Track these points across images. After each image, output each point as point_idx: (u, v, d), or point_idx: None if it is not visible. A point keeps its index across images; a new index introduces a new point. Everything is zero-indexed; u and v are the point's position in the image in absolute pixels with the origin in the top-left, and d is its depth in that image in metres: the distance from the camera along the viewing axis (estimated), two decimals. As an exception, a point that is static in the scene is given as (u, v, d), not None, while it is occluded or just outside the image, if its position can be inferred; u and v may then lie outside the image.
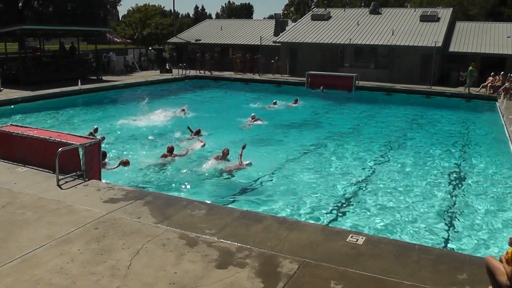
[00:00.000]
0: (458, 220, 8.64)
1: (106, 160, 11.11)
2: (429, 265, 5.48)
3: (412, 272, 5.32)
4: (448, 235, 7.96)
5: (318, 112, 20.54)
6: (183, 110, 18.47)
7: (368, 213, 8.79)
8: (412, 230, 8.07)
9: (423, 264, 5.50)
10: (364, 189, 10.19)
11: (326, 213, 8.74)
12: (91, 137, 10.48)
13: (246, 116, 17.41)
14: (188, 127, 14.62)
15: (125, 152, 12.58)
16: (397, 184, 10.52)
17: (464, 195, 10.02)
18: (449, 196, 9.93)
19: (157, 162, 11.62)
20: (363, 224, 8.27)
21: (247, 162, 11.25)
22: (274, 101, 21.27)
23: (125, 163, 10.99)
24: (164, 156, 11.86)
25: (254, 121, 16.93)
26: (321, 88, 25.58)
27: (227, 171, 10.92)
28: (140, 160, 11.78)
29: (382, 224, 8.29)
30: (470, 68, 24.63)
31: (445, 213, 8.94)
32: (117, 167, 10.92)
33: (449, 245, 7.58)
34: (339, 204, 9.22)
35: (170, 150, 12.00)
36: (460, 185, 10.70)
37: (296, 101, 21.66)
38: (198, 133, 14.25)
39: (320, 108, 21.42)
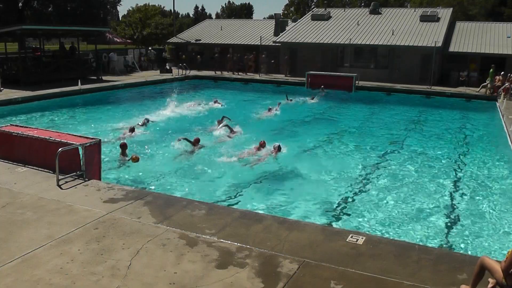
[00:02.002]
0: (458, 220, 8.64)
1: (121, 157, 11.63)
2: (429, 265, 5.48)
3: (412, 272, 5.32)
4: (448, 235, 7.96)
5: (318, 112, 20.52)
6: (216, 101, 20.68)
7: (368, 212, 8.78)
8: (412, 230, 8.07)
9: (423, 264, 5.50)
10: (364, 189, 10.18)
11: (326, 213, 8.73)
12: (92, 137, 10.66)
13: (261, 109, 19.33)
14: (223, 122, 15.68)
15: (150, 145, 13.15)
16: (397, 184, 10.52)
17: (464, 195, 10.01)
18: (449, 196, 9.92)
19: (179, 154, 12.31)
20: (363, 224, 8.27)
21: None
22: (290, 99, 22.47)
23: (135, 159, 11.19)
24: (193, 145, 12.58)
25: (270, 111, 18.25)
26: (321, 87, 25.61)
27: (255, 162, 11.71)
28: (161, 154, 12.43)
29: (382, 224, 8.29)
30: (491, 70, 24.45)
31: (445, 213, 8.94)
32: (128, 160, 11.34)
33: (449, 245, 7.58)
34: (339, 204, 9.22)
35: (196, 141, 12.75)
36: (460, 185, 10.69)
37: (313, 98, 22.98)
38: (221, 123, 15.66)
39: (321, 108, 21.41)
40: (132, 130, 14.26)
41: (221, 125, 15.09)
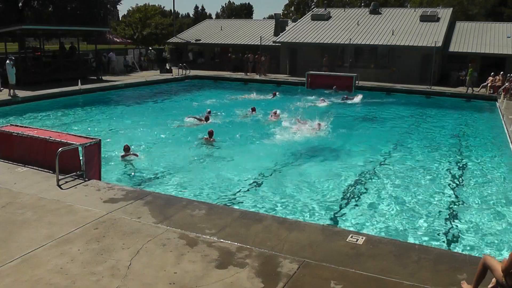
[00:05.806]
0: (458, 220, 8.63)
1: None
2: (429, 265, 5.48)
3: (412, 272, 5.32)
4: (448, 235, 7.96)
5: (318, 113, 20.49)
6: (275, 94, 23.36)
7: (368, 213, 8.78)
8: (412, 230, 8.07)
9: (423, 264, 5.50)
10: (364, 189, 10.18)
11: (326, 213, 8.73)
12: (93, 137, 10.67)
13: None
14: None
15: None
16: (396, 184, 10.51)
17: (464, 195, 10.01)
18: (448, 196, 9.92)
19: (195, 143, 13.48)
20: (363, 224, 8.27)
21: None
22: (322, 98, 23.16)
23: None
24: (205, 139, 13.51)
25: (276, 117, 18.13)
26: (333, 88, 25.63)
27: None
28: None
29: (382, 224, 8.29)
30: (470, 69, 24.67)
31: (445, 213, 8.93)
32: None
33: (449, 245, 7.58)
34: (339, 204, 9.22)
35: (210, 133, 13.58)
36: (460, 186, 10.69)
37: (346, 98, 23.52)
38: (254, 110, 18.46)
39: (323, 109, 21.38)
40: (207, 119, 16.23)
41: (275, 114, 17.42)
